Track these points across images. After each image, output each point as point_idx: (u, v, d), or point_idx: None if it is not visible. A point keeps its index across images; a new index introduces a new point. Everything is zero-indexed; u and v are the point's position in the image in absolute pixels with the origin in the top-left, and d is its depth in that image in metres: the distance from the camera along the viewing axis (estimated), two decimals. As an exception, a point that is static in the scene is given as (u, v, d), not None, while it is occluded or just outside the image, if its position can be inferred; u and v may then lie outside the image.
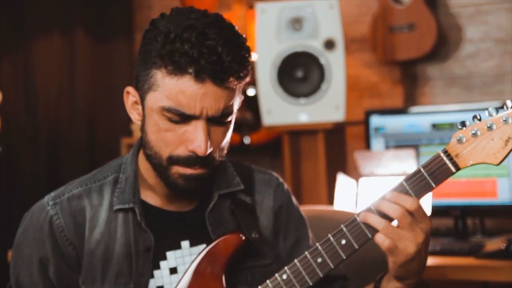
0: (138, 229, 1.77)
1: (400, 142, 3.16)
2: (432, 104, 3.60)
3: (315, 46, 3.27)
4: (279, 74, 3.30)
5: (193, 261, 1.77)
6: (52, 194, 1.82)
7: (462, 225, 3.05)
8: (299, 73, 3.29)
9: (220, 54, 1.60)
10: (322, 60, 3.26)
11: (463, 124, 1.64)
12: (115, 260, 1.76)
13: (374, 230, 1.65)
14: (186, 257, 1.79)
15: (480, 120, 1.62)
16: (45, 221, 1.78)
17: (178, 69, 1.61)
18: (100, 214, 1.79)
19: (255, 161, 1.80)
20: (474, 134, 1.62)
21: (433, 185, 1.64)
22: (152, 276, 1.77)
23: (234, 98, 1.67)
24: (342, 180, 2.94)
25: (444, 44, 3.58)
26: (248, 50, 1.66)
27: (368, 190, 2.87)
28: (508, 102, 1.61)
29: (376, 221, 1.62)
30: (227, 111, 1.66)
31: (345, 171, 3.22)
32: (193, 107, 1.63)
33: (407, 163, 2.77)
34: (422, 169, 1.64)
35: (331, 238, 1.68)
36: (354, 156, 2.95)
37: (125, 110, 1.77)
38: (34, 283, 1.78)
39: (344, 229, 1.67)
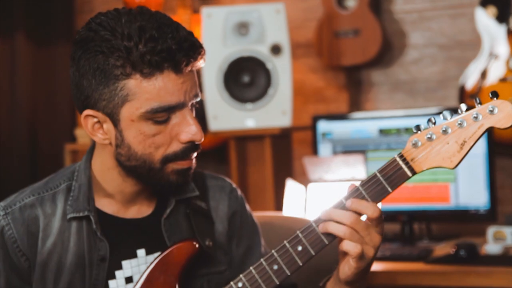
0: (93, 238, 1.72)
1: (347, 148, 3.16)
2: (376, 110, 3.61)
3: (261, 51, 3.25)
4: (225, 79, 3.27)
5: (145, 270, 1.73)
6: (2, 203, 1.76)
7: (409, 230, 3.06)
8: (246, 78, 3.27)
9: (188, 38, 1.61)
10: (269, 65, 3.24)
11: (418, 128, 1.63)
12: (67, 271, 1.71)
13: (330, 236, 1.63)
14: (142, 266, 1.75)
15: (435, 123, 1.62)
16: (-4, 232, 1.72)
17: (156, 69, 1.59)
18: (54, 223, 1.73)
19: (200, 167, 1.78)
20: (430, 138, 1.61)
21: (389, 189, 1.63)
22: (107, 286, 1.72)
23: None
24: (291, 186, 2.92)
25: (388, 50, 3.60)
26: None
27: (317, 196, 2.86)
28: (463, 106, 1.61)
29: (338, 230, 1.60)
30: (198, 91, 1.68)
31: (292, 177, 3.20)
32: (177, 97, 1.62)
33: (355, 169, 2.77)
34: (378, 174, 1.63)
35: (287, 245, 1.66)
36: (302, 162, 2.94)
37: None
38: (-16, 294, 1.72)
39: (300, 235, 1.65)
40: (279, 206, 3.17)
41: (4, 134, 3.84)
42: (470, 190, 2.97)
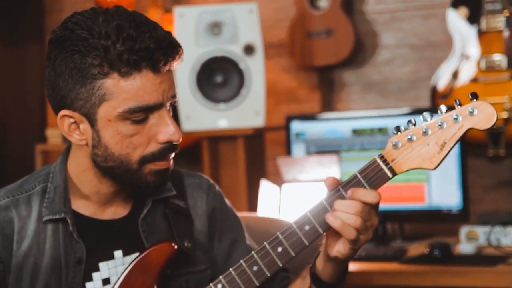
0: (69, 240, 1.70)
1: (321, 148, 3.16)
2: (349, 110, 3.61)
3: (234, 51, 3.23)
4: (198, 79, 3.25)
5: (123, 272, 1.71)
6: None
7: (382, 230, 3.07)
8: (219, 78, 3.25)
9: (166, 37, 1.59)
10: (242, 65, 3.23)
11: (397, 129, 1.63)
12: (43, 274, 1.69)
13: (310, 237, 1.62)
14: (119, 267, 1.73)
15: (415, 125, 1.62)
16: (-31, 234, 1.69)
17: (134, 68, 1.58)
18: (29, 226, 1.71)
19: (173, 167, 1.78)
20: (410, 139, 1.61)
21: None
22: None
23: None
24: (265, 186, 2.91)
25: (360, 50, 3.61)
26: None
27: (291, 196, 2.86)
28: (443, 107, 1.61)
29: (343, 219, 1.57)
30: (176, 91, 1.66)
31: (265, 177, 3.19)
32: (155, 97, 1.60)
33: (330, 169, 2.77)
34: (358, 175, 1.62)
35: (267, 246, 1.64)
36: (276, 162, 2.93)
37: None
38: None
39: (280, 236, 1.64)
40: (252, 207, 3.16)
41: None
42: (443, 190, 2.98)
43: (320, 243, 1.68)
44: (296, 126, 3.21)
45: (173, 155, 1.68)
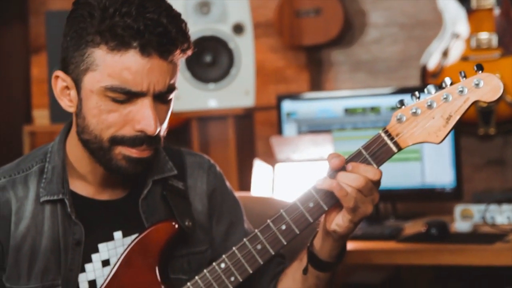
0: (68, 221, 1.67)
1: (313, 128, 3.12)
2: (337, 89, 3.59)
3: (223, 30, 3.19)
4: (187, 59, 3.15)
5: (123, 253, 1.68)
6: None
7: (375, 209, 3.05)
8: (208, 58, 3.21)
9: (165, 26, 1.53)
10: (231, 45, 3.18)
11: (401, 102, 1.60)
12: (42, 255, 1.65)
13: (315, 214, 1.59)
14: (119, 248, 1.70)
15: (419, 98, 1.59)
16: (-35, 215, 1.66)
17: (121, 44, 1.53)
18: (26, 206, 1.67)
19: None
20: (414, 113, 1.58)
21: (375, 166, 1.59)
22: (83, 270, 1.67)
23: (177, 73, 1.60)
24: (258, 166, 2.88)
25: (349, 29, 3.58)
26: (186, 23, 1.60)
27: (284, 176, 2.83)
28: (447, 80, 1.58)
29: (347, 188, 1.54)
30: (172, 86, 1.60)
31: (255, 157, 3.16)
32: (139, 84, 1.55)
33: (324, 148, 2.74)
34: (363, 150, 1.59)
35: (271, 224, 1.61)
36: (270, 141, 2.89)
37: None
38: (-48, 281, 1.65)
39: (284, 214, 1.61)
40: (243, 187, 3.12)
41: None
42: (436, 169, 2.96)
43: (317, 223, 1.65)
44: (287, 105, 3.18)
45: (149, 146, 1.61)
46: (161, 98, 1.59)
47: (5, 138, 3.82)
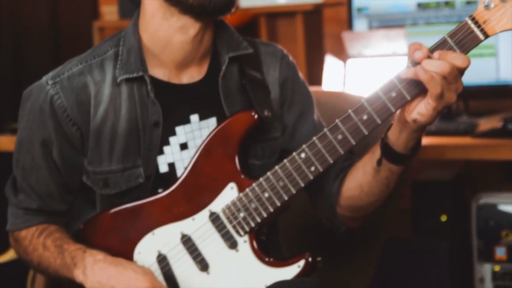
0: (146, 102, 1.68)
1: (384, 23, 3.04)
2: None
3: None
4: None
5: (202, 142, 1.69)
6: (51, 73, 1.71)
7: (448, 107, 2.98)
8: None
9: None
10: None
11: (489, -12, 1.54)
12: (122, 137, 1.68)
13: (397, 104, 1.56)
14: (195, 132, 1.71)
15: (508, -17, 1.52)
16: (45, 102, 1.68)
17: None
18: (104, 90, 1.68)
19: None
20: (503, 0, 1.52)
21: (462, 54, 1.54)
22: (162, 152, 1.70)
23: None
24: (329, 62, 2.84)
25: None
26: None
27: (355, 72, 2.79)
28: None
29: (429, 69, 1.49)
30: None
31: (324, 55, 3.11)
32: None
33: (397, 43, 2.68)
34: (448, 39, 1.54)
35: (352, 114, 1.59)
36: (341, 37, 2.84)
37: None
38: (36, 166, 1.69)
39: (366, 104, 1.58)
40: (312, 83, 3.09)
41: (27, 19, 3.72)
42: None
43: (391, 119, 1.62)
44: (358, 0, 3.09)
45: None
46: None
47: (75, 34, 3.82)
